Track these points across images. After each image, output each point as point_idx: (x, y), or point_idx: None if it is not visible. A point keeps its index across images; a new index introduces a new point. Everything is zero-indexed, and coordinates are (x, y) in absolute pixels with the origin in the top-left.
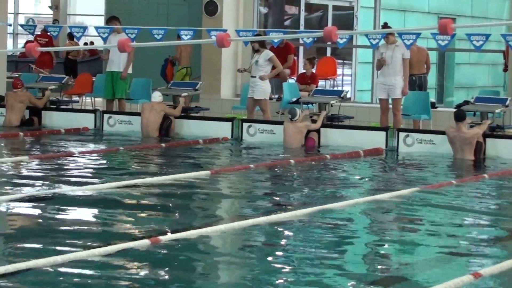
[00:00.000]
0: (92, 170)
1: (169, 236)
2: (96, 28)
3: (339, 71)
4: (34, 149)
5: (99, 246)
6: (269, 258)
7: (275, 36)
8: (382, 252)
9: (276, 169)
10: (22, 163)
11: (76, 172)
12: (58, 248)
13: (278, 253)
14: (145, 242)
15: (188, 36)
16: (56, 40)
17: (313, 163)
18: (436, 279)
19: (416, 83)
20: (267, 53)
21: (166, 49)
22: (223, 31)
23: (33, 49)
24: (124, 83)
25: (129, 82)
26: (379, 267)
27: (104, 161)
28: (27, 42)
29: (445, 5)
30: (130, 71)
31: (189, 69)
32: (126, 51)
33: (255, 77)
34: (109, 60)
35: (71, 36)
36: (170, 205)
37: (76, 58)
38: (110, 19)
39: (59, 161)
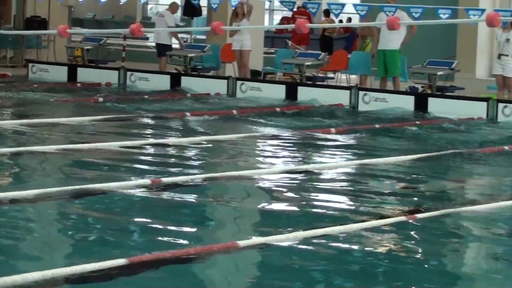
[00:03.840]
0: (345, 147)
1: (425, 214)
2: (354, 5)
3: None
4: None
5: (354, 222)
6: None
7: None
8: None
9: None
10: (280, 137)
11: (329, 147)
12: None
13: None
14: (402, 218)
15: (446, 15)
16: (313, 17)
17: None
18: None
19: None
20: None
21: None
22: (481, 10)
23: (303, 25)
24: (398, 61)
25: (403, 60)
26: None
27: (357, 138)
28: (283, 18)
29: None
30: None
31: (368, 40)
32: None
33: (508, 55)
34: (380, 38)
35: (327, 13)
36: (422, 184)
37: (332, 35)
38: None
39: (314, 136)
